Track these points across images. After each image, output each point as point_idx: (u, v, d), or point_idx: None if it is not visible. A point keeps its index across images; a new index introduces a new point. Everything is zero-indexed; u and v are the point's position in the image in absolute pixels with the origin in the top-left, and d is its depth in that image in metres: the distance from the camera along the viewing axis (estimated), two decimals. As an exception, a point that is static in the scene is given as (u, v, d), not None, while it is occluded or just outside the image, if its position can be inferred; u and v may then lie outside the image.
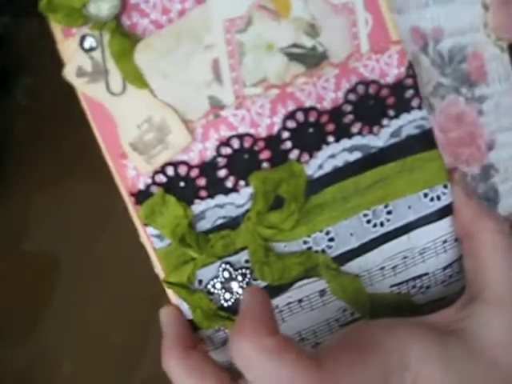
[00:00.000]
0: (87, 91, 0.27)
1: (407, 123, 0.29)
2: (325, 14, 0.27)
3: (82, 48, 0.26)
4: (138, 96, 0.26)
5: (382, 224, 0.29)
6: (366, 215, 0.29)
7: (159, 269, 0.28)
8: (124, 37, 0.26)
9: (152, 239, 0.28)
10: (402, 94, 0.28)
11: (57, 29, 0.26)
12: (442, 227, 0.30)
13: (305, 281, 0.29)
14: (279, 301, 0.29)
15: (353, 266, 0.29)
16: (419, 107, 0.28)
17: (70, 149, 0.65)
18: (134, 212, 0.28)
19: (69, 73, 0.27)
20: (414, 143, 0.29)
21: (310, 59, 0.27)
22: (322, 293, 0.30)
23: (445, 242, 0.30)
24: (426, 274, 0.31)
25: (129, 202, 0.28)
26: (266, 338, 0.23)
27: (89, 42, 0.26)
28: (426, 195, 0.29)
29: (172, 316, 0.29)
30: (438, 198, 0.29)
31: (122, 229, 0.53)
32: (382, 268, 0.30)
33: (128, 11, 0.26)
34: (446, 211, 0.30)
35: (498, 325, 0.26)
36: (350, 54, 0.27)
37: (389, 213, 0.29)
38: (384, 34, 0.27)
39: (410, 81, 0.28)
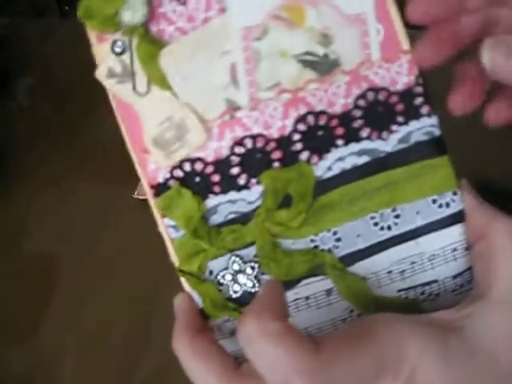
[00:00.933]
0: (116, 91, 0.30)
1: (416, 130, 0.29)
2: (337, 24, 0.28)
3: (113, 52, 0.29)
4: (160, 96, 0.29)
5: (389, 227, 0.30)
6: (373, 218, 0.30)
7: (174, 258, 0.30)
8: (151, 42, 0.28)
9: (169, 230, 0.30)
10: (412, 102, 0.29)
11: (92, 34, 0.29)
12: (452, 235, 0.30)
13: (312, 279, 0.30)
14: (286, 296, 0.29)
15: (360, 267, 0.30)
16: (429, 114, 0.29)
17: (70, 149, 0.65)
18: (153, 204, 0.30)
19: (100, 74, 0.30)
20: (422, 149, 0.29)
21: (323, 66, 0.29)
22: (329, 292, 0.30)
23: (454, 250, 0.30)
24: (436, 281, 0.30)
25: (148, 194, 0.30)
26: (271, 321, 0.24)
27: (119, 47, 0.29)
28: (434, 201, 0.30)
29: (184, 302, 0.30)
30: (447, 204, 0.30)
31: (122, 229, 0.53)
32: (390, 272, 0.30)
33: (156, 19, 0.28)
34: (455, 218, 0.30)
35: (501, 323, 0.26)
36: (362, 62, 0.29)
37: (396, 217, 0.30)
38: (395, 44, 0.29)
39: (419, 89, 0.29)
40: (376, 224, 0.30)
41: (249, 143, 0.29)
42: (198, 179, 0.29)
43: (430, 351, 0.25)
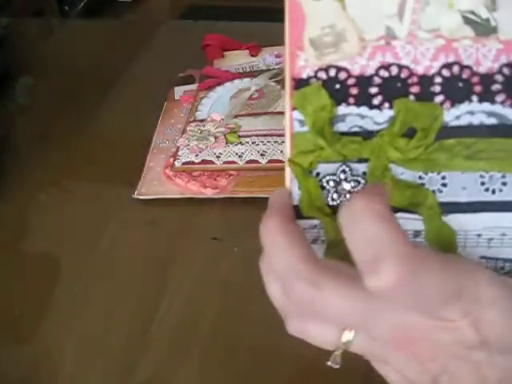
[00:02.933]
0: None
1: None
2: None
3: None
4: (331, 4, 0.31)
5: (493, 191, 0.31)
6: (482, 177, 0.31)
7: (288, 151, 0.32)
8: None
9: (294, 122, 0.31)
10: None
11: None
12: None
13: (407, 214, 0.31)
14: None
15: (454, 220, 0.31)
16: None
17: (70, 149, 0.65)
18: (290, 96, 0.31)
19: None
20: None
21: (481, 28, 0.31)
22: (417, 233, 0.31)
23: None
24: None
25: (288, 86, 0.31)
26: (379, 202, 0.26)
27: None
28: None
29: (282, 195, 0.31)
30: None
31: (122, 229, 0.53)
32: (479, 235, 0.31)
33: None
34: None
35: None
36: None
37: (503, 184, 0.31)
38: None
39: None
40: (483, 183, 0.31)
41: (394, 70, 0.31)
42: (337, 86, 0.31)
43: (503, 302, 0.25)
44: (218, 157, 0.55)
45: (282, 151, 0.52)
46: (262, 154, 0.54)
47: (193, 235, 0.54)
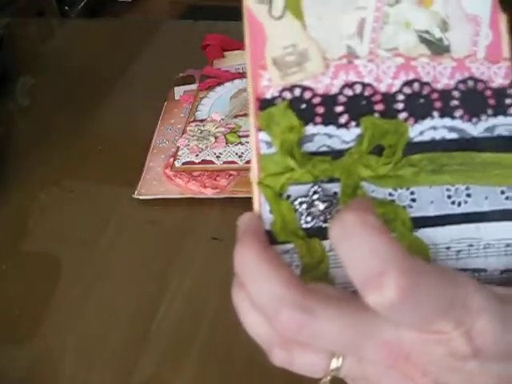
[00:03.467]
0: (253, 9, 0.33)
1: (501, 124, 0.32)
2: (457, 17, 0.34)
3: None
4: (291, 24, 0.32)
5: (459, 204, 0.32)
6: (448, 190, 0.32)
7: (255, 174, 0.31)
8: None
9: (261, 144, 0.31)
10: (503, 100, 0.32)
11: None
12: (509, 230, 0.32)
13: None
14: None
15: (424, 234, 0.31)
16: None
17: (70, 149, 0.65)
18: (254, 117, 0.31)
19: None
20: (502, 143, 0.32)
21: (436, 47, 0.33)
22: None
23: (508, 245, 0.32)
24: (485, 270, 0.31)
25: (252, 107, 0.31)
26: (372, 215, 0.25)
27: None
28: (503, 192, 0.32)
29: (253, 219, 0.30)
30: None
31: (122, 229, 0.53)
32: (448, 248, 0.32)
33: None
34: None
35: None
36: (468, 56, 0.33)
37: (468, 196, 0.32)
38: (498, 50, 0.33)
39: (511, 91, 0.33)
40: (449, 197, 0.32)
41: (358, 88, 0.32)
42: (303, 106, 0.31)
43: (491, 308, 0.25)
44: (218, 157, 0.55)
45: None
46: (262, 155, 0.54)
47: (193, 235, 0.54)
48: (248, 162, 0.54)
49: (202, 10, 2.35)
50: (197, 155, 0.55)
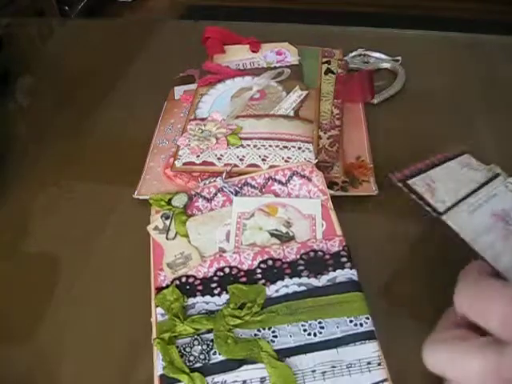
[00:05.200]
0: (155, 237, 0.49)
1: (340, 275, 0.43)
2: (296, 217, 0.49)
3: (162, 218, 0.51)
4: (180, 241, 0.49)
5: (315, 334, 0.41)
6: (303, 325, 0.41)
7: (155, 334, 0.42)
8: (185, 214, 0.50)
9: (158, 315, 0.43)
10: (339, 260, 0.44)
11: (153, 210, 0.52)
12: (367, 350, 0.39)
13: (251, 366, 0.39)
14: (229, 377, 0.39)
15: (289, 362, 0.39)
16: (350, 268, 0.44)
17: (70, 149, 0.65)
18: (154, 299, 0.45)
19: (150, 227, 0.50)
20: (343, 287, 0.43)
21: (284, 238, 0.47)
22: (263, 380, 0.39)
23: (369, 363, 0.39)
24: None
25: (152, 293, 0.45)
26: None
27: (166, 216, 0.51)
28: (351, 321, 0.41)
29: None
30: (361, 324, 0.41)
31: (122, 229, 0.53)
32: (314, 371, 0.39)
33: (192, 204, 0.52)
34: (368, 336, 0.40)
35: None
36: (309, 239, 0.47)
37: (321, 327, 0.41)
38: (332, 232, 0.47)
39: (344, 253, 0.45)
40: (305, 330, 0.41)
41: (227, 270, 0.45)
42: (187, 287, 0.45)
43: None
44: (219, 159, 0.54)
45: (282, 157, 0.54)
46: (263, 159, 0.54)
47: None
48: (249, 165, 0.54)
49: (201, 10, 2.35)
50: (198, 156, 0.55)
